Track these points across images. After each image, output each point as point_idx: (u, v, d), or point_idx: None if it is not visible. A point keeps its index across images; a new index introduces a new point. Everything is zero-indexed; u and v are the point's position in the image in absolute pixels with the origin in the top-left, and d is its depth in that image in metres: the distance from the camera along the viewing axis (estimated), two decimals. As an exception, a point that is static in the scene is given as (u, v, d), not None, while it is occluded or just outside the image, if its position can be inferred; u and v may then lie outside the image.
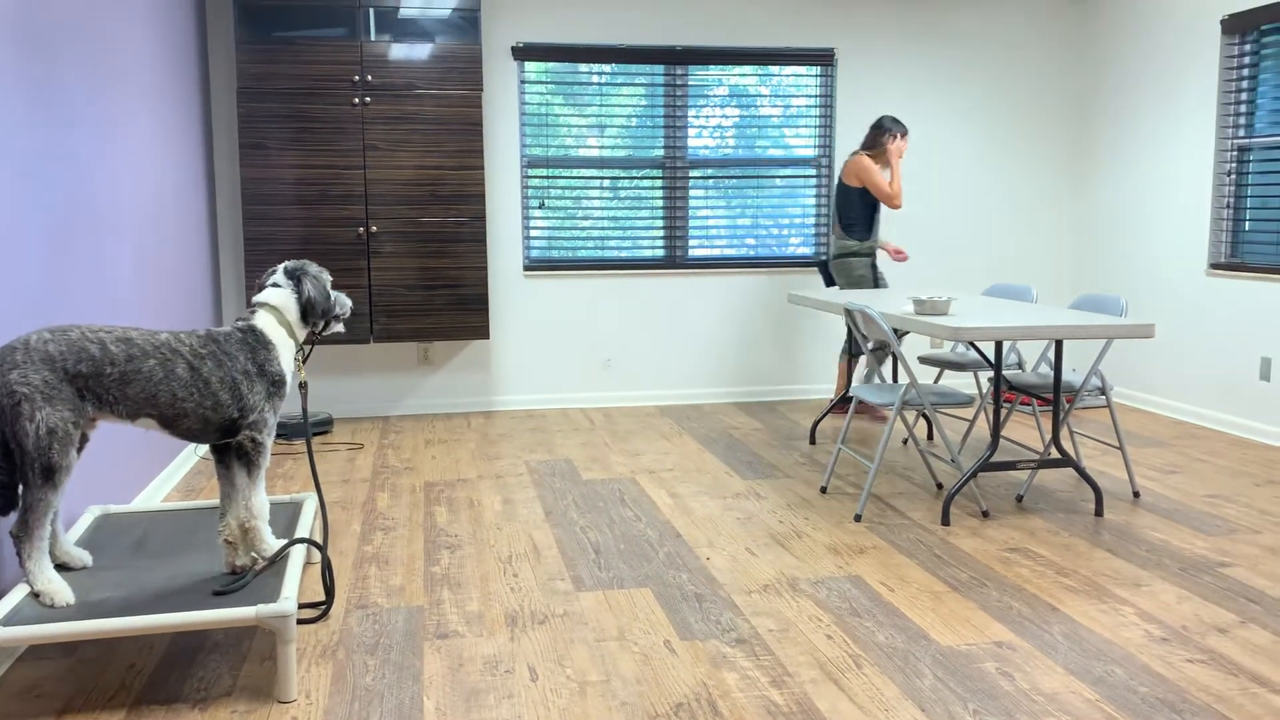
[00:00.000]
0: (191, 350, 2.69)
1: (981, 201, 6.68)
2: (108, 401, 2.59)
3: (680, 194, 6.37)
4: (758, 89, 6.38)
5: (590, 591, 3.30)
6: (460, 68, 5.62)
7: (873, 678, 2.68)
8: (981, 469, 3.99)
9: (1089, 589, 3.29)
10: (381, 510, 4.21)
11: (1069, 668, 2.73)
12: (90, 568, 2.85)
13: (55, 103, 3.28)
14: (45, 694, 2.60)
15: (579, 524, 4.00)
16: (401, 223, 5.67)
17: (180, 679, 2.68)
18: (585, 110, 6.21)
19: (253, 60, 5.42)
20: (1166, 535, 3.82)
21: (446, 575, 3.45)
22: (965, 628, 2.99)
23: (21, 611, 2.50)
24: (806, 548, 3.70)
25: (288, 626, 2.51)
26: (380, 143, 5.60)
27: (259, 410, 2.77)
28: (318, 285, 2.93)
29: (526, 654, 2.84)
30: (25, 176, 3.01)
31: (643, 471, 4.78)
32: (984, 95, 6.59)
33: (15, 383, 2.47)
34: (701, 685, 2.64)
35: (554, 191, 6.25)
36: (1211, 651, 2.83)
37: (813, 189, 6.51)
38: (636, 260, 6.38)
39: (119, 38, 4.01)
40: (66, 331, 2.58)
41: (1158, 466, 4.82)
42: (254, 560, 2.85)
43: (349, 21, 5.50)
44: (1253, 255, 5.44)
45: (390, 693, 2.61)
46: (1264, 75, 5.33)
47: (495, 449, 5.26)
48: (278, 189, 5.53)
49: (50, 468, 2.50)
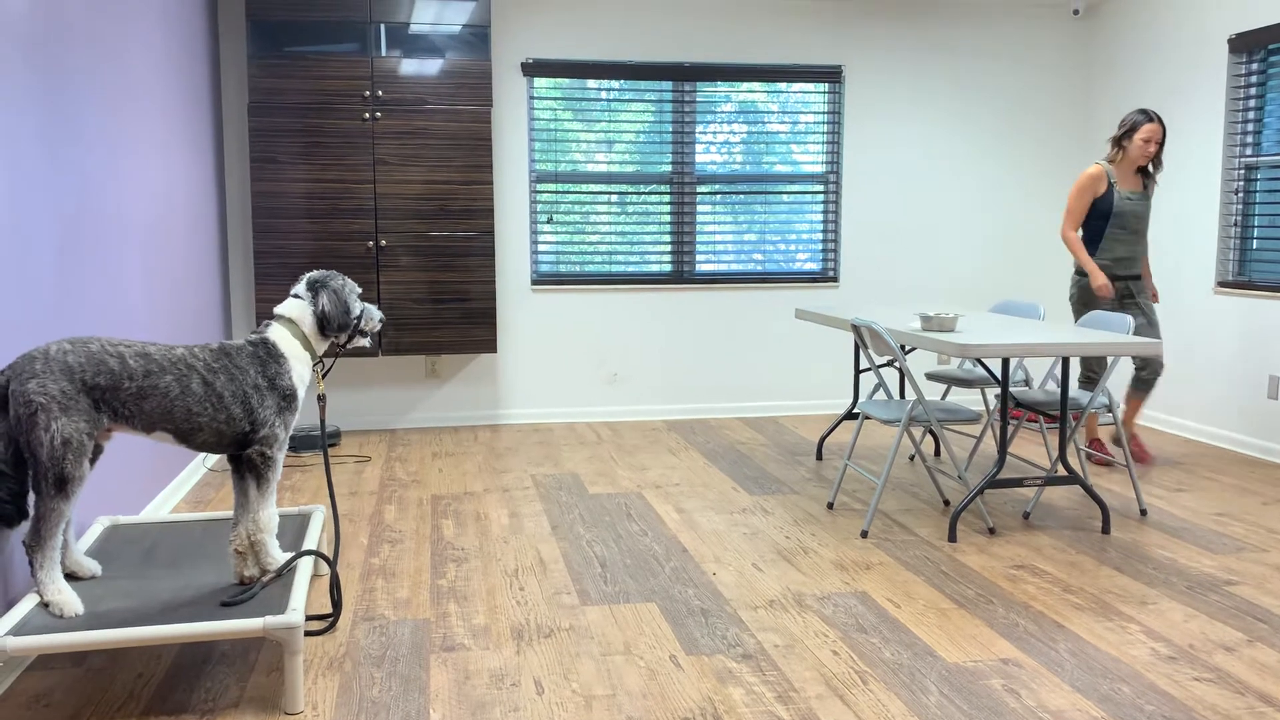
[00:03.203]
0: (205, 365, 2.71)
1: (989, 218, 6.70)
2: (124, 415, 2.61)
3: (688, 209, 6.39)
4: (766, 105, 6.41)
5: (596, 606, 3.30)
6: (470, 83, 5.66)
7: (879, 694, 2.68)
8: (988, 486, 3.99)
9: (1096, 606, 3.28)
10: (389, 523, 4.22)
11: (1075, 685, 2.73)
12: (99, 578, 2.87)
13: (67, 115, 3.31)
14: (54, 703, 2.62)
15: (585, 538, 4.00)
16: (411, 237, 5.70)
17: (188, 689, 2.69)
18: (594, 126, 6.25)
19: (264, 75, 5.46)
20: (1174, 553, 3.82)
21: (453, 588, 3.46)
22: (971, 644, 2.99)
23: (31, 621, 2.51)
24: (813, 563, 3.70)
25: (295, 638, 2.52)
26: (390, 157, 5.63)
27: (269, 425, 2.77)
28: (335, 298, 2.90)
29: (532, 667, 2.84)
30: (37, 188, 3.04)
31: (649, 486, 4.78)
32: (991, 112, 6.61)
33: (33, 392, 2.49)
34: (707, 700, 2.64)
35: (562, 206, 6.28)
36: (1218, 670, 2.82)
37: (820, 205, 6.53)
38: (644, 275, 6.40)
39: (131, 51, 4.05)
40: (87, 343, 2.59)
41: (1165, 484, 4.81)
42: (263, 572, 2.86)
43: (360, 37, 5.54)
44: (1260, 273, 5.44)
45: (396, 705, 2.62)
46: (1271, 94, 5.35)
47: (502, 462, 5.27)
48: (288, 203, 5.56)
49: (64, 478, 2.52)
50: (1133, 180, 4.96)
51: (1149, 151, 4.86)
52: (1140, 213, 4.94)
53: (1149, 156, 4.88)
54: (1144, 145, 4.86)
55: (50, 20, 3.15)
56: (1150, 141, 4.85)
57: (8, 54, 2.81)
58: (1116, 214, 4.88)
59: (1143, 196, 4.95)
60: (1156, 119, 4.84)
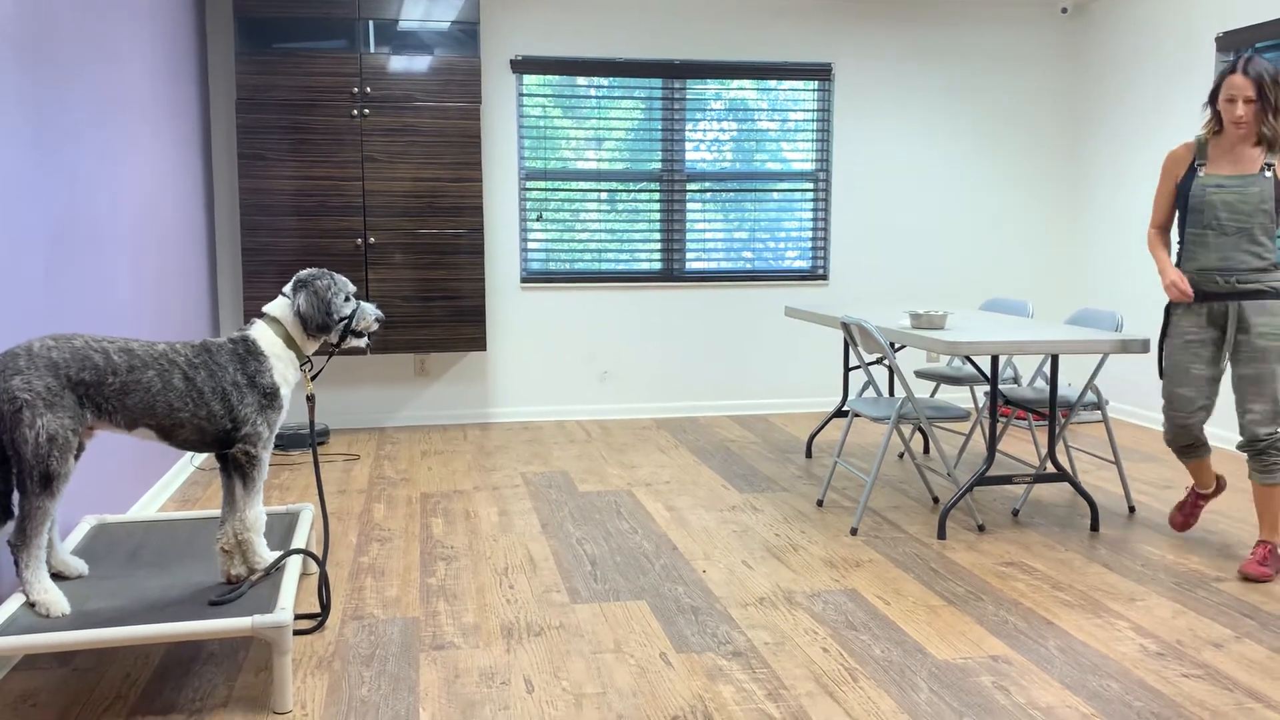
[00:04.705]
0: (187, 361, 2.69)
1: (977, 216, 6.71)
2: (107, 411, 2.59)
3: (678, 207, 6.39)
4: (756, 103, 6.40)
5: (586, 604, 3.29)
6: (459, 80, 5.64)
7: (869, 691, 2.68)
8: (977, 483, 4.00)
9: (1084, 603, 3.29)
10: (377, 521, 4.20)
11: (1064, 682, 2.73)
12: (86, 577, 2.85)
13: (54, 113, 3.29)
14: (41, 704, 2.60)
15: (575, 536, 4.00)
16: (399, 234, 5.68)
17: (176, 689, 2.68)
18: (584, 123, 6.24)
19: (252, 72, 5.44)
20: (1162, 550, 3.83)
21: (442, 587, 3.45)
22: (961, 641, 2.99)
23: (17, 621, 2.49)
24: (803, 561, 3.70)
25: (284, 637, 2.51)
26: (379, 154, 5.61)
27: (251, 423, 2.75)
28: (314, 298, 2.86)
29: (522, 666, 2.83)
30: (24, 188, 3.01)
31: (639, 484, 4.78)
32: (980, 110, 6.62)
33: (17, 388, 2.47)
34: (697, 698, 2.64)
35: (552, 204, 6.26)
36: (1207, 666, 2.83)
37: (809, 203, 6.53)
38: (634, 273, 6.39)
39: (118, 49, 4.02)
40: (70, 339, 2.58)
41: (1153, 481, 4.83)
42: (250, 571, 2.85)
43: (348, 34, 5.52)
44: (1247, 271, 5.45)
45: (386, 704, 2.61)
46: (1258, 93, 5.36)
47: (492, 460, 5.26)
48: (276, 200, 5.54)
49: (49, 475, 2.50)
50: (1239, 160, 3.57)
51: (1235, 115, 3.49)
52: (1235, 203, 3.53)
53: (1238, 122, 3.50)
54: (1229, 107, 3.51)
55: (37, 18, 3.13)
56: (1236, 101, 3.48)
57: (-8, 49, 2.79)
58: (1193, 207, 3.60)
59: (1249, 181, 3.52)
60: (1243, 70, 3.46)
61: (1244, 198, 3.52)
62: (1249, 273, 3.53)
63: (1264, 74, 3.44)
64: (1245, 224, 3.53)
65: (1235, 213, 3.53)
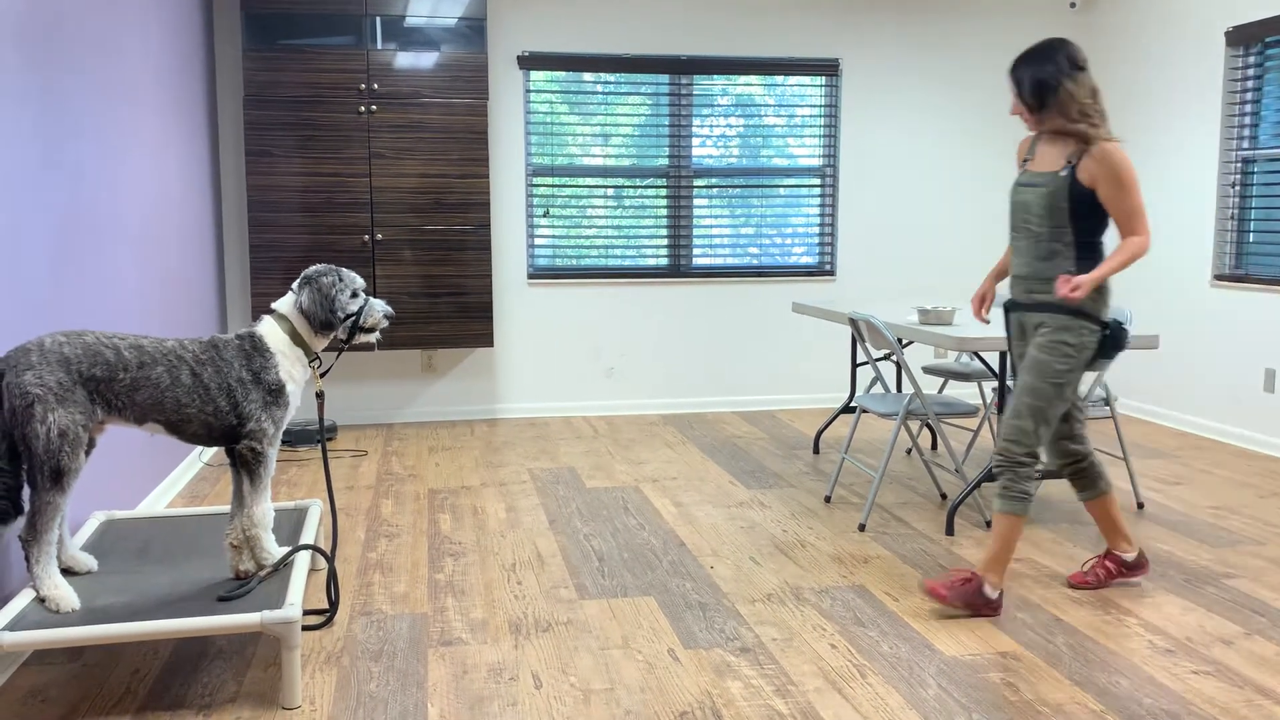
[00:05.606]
0: (194, 357, 2.70)
1: (986, 211, 6.69)
2: (117, 407, 2.60)
3: (684, 203, 6.38)
4: (762, 99, 6.39)
5: (594, 600, 3.30)
6: (466, 76, 5.64)
7: (877, 687, 2.68)
8: (985, 479, 3.99)
9: (1093, 600, 3.28)
10: (385, 517, 4.21)
11: (1073, 678, 2.73)
12: (95, 573, 2.86)
13: (61, 110, 3.30)
14: (50, 699, 2.61)
15: (583, 532, 4.00)
16: (407, 230, 5.68)
17: (185, 685, 2.68)
18: (590, 119, 6.23)
19: (259, 68, 5.44)
20: (1171, 546, 3.82)
21: (450, 582, 3.45)
22: (970, 638, 2.99)
23: (27, 616, 2.50)
24: (810, 557, 3.70)
25: (292, 633, 2.51)
26: (386, 151, 5.61)
27: (256, 419, 2.75)
28: (317, 295, 2.85)
29: (530, 662, 2.84)
30: (30, 183, 3.02)
31: (646, 480, 4.78)
32: (988, 106, 6.60)
33: (30, 384, 2.48)
34: (705, 694, 2.64)
35: (559, 200, 6.26)
36: (1216, 663, 2.83)
37: (817, 198, 6.52)
38: (640, 269, 6.39)
39: (125, 45, 4.03)
40: (81, 335, 2.58)
41: (1162, 478, 4.82)
42: (259, 567, 2.85)
43: (355, 30, 5.52)
44: (1257, 267, 5.44)
45: (394, 700, 2.61)
46: (1268, 87, 5.34)
47: (499, 456, 5.26)
48: (283, 196, 5.54)
49: (60, 470, 2.51)
50: (1041, 157, 3.15)
51: (1014, 108, 3.15)
52: (1030, 203, 3.11)
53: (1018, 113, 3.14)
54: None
55: (44, 13, 3.13)
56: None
57: (1, 48, 2.79)
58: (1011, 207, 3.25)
59: (1046, 179, 3.08)
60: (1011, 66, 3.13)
61: (1036, 198, 3.09)
62: (1034, 283, 3.14)
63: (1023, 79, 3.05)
64: (1035, 228, 3.11)
65: (1029, 214, 3.12)
